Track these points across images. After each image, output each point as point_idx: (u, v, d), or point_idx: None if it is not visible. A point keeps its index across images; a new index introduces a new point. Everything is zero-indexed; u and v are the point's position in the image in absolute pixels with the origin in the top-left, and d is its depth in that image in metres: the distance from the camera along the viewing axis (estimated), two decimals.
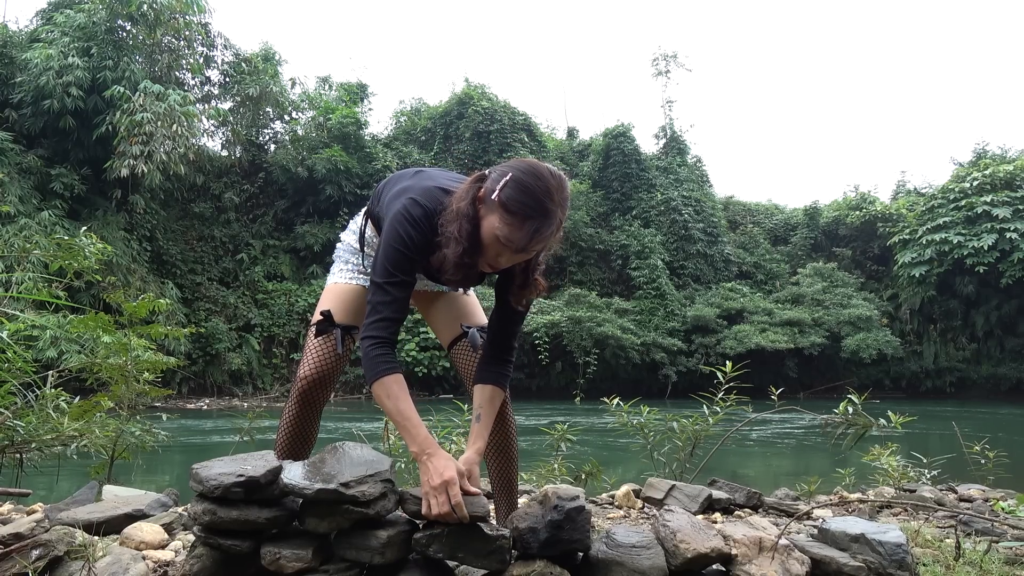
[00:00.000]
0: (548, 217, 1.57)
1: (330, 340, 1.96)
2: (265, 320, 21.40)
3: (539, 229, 1.57)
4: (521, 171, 1.59)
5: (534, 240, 1.58)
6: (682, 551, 1.76)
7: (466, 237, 1.61)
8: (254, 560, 1.67)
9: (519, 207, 1.56)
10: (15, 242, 12.43)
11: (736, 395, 3.73)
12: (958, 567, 2.10)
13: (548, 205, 1.57)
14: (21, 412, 3.30)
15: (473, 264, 1.66)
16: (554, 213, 1.58)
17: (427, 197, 1.72)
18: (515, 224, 1.57)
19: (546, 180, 1.58)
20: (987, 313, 24.14)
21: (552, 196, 1.57)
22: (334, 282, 2.06)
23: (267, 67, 23.40)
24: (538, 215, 1.56)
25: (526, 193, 1.56)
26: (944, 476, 4.17)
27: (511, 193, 1.57)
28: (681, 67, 36.61)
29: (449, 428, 3.70)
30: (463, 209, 1.62)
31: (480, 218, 1.62)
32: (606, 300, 23.89)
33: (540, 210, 1.56)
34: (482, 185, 1.64)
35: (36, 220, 15.66)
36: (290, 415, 1.99)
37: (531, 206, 1.56)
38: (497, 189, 1.58)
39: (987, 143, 28.96)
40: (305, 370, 1.95)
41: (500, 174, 1.61)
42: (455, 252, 1.63)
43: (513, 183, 1.57)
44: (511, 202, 1.56)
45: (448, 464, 1.64)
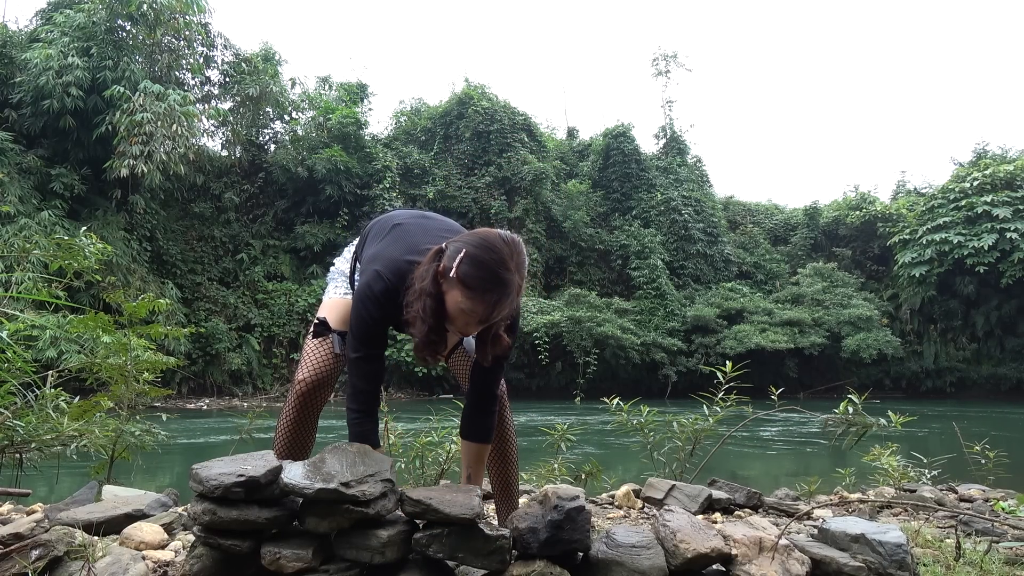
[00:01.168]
0: (506, 287, 1.61)
1: (327, 343, 1.99)
2: (265, 320, 21.40)
3: (499, 300, 1.61)
4: (474, 246, 1.62)
5: (496, 310, 1.62)
6: (682, 551, 1.76)
7: (431, 314, 1.66)
8: (254, 560, 1.66)
9: (477, 282, 1.60)
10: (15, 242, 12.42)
11: (736, 395, 3.73)
12: (958, 567, 2.09)
13: (504, 275, 1.60)
14: (21, 412, 3.30)
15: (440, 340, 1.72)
16: (511, 282, 1.62)
17: (392, 270, 1.78)
18: (475, 298, 1.61)
19: (499, 251, 1.62)
20: (987, 313, 24.14)
21: (507, 265, 1.61)
22: (329, 297, 2.13)
23: (267, 67, 23.39)
24: (496, 287, 1.60)
25: (481, 268, 1.60)
26: (944, 476, 4.17)
27: (467, 269, 1.60)
28: (681, 67, 36.69)
29: (449, 428, 3.70)
30: (426, 288, 1.66)
31: (443, 293, 1.66)
32: (606, 300, 23.88)
33: (497, 282, 1.60)
34: (439, 262, 1.67)
35: (36, 220, 15.64)
36: (288, 419, 2.00)
37: (488, 279, 1.60)
38: (453, 267, 1.61)
39: (987, 143, 29.00)
40: (303, 374, 1.98)
41: (455, 250, 1.64)
42: (422, 331, 1.68)
43: (468, 259, 1.60)
44: (468, 278, 1.60)
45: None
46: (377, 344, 1.82)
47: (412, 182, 25.45)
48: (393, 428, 3.75)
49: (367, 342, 1.80)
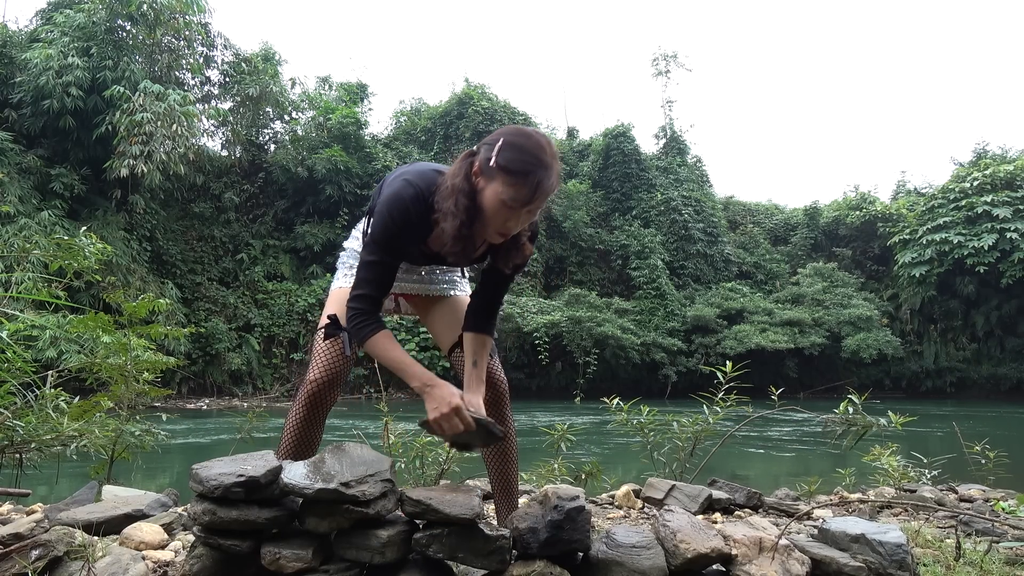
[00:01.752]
0: (548, 169, 1.64)
1: (338, 343, 1.99)
2: (265, 320, 21.39)
3: (541, 181, 1.63)
4: (511, 134, 1.67)
5: (538, 193, 1.64)
6: (682, 551, 1.76)
7: (463, 210, 1.67)
8: (254, 560, 1.66)
9: (519, 164, 1.62)
10: (15, 242, 12.43)
11: (736, 395, 3.73)
12: (958, 567, 2.09)
13: (544, 158, 1.64)
14: (21, 412, 3.30)
15: (471, 235, 1.72)
16: (552, 165, 1.65)
17: (420, 178, 1.78)
18: (519, 182, 1.62)
19: (536, 137, 1.67)
20: (987, 313, 24.13)
21: (546, 150, 1.65)
22: (338, 287, 2.09)
23: (267, 67, 23.39)
24: (538, 167, 1.63)
25: (522, 151, 1.63)
26: (944, 476, 4.17)
27: (508, 154, 1.63)
28: (681, 67, 36.69)
29: None
30: (458, 184, 1.68)
31: (478, 190, 1.68)
32: (606, 300, 23.88)
33: (539, 163, 1.63)
34: (474, 159, 1.70)
35: (36, 220, 15.64)
36: (297, 417, 2.00)
37: (530, 161, 1.63)
38: (494, 156, 1.64)
39: (987, 143, 29.00)
40: (314, 373, 1.98)
41: (492, 142, 1.67)
42: (453, 226, 1.69)
43: (507, 146, 1.64)
44: (510, 163, 1.62)
45: (452, 392, 1.76)
46: (395, 252, 1.80)
47: None
48: (393, 428, 3.75)
49: (386, 247, 1.77)
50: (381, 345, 1.78)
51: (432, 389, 1.76)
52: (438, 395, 1.75)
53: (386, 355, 1.78)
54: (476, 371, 1.93)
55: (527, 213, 1.69)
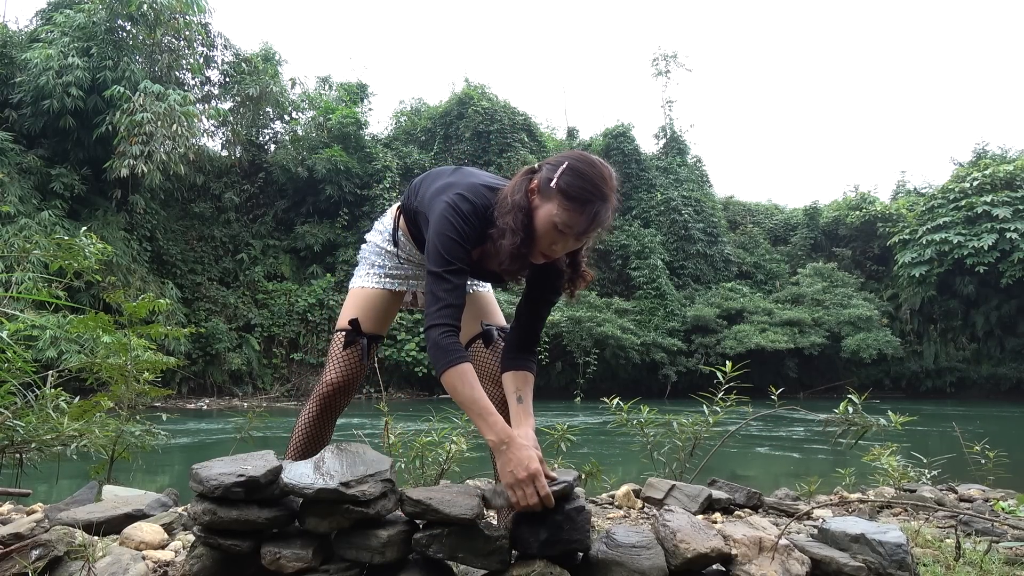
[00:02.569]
0: (606, 201, 1.63)
1: (357, 350, 1.98)
2: (265, 320, 21.39)
3: (598, 212, 1.62)
4: (576, 159, 1.66)
5: (594, 224, 1.63)
6: (682, 551, 1.76)
7: (522, 227, 1.65)
8: (254, 560, 1.67)
9: (579, 192, 1.61)
10: (15, 242, 12.42)
11: (736, 395, 3.73)
12: (958, 567, 2.10)
13: (605, 189, 1.63)
14: (21, 412, 3.30)
15: (528, 253, 1.69)
16: (610, 197, 1.64)
17: (473, 193, 1.76)
18: (575, 209, 1.61)
19: (600, 167, 1.65)
20: (987, 313, 24.13)
21: (608, 181, 1.65)
22: (360, 286, 2.06)
23: (267, 67, 23.39)
24: (597, 199, 1.62)
25: (584, 179, 1.62)
26: (944, 476, 4.17)
27: (570, 179, 1.62)
28: (681, 67, 36.71)
29: (449, 428, 3.70)
30: (518, 201, 1.66)
31: (534, 208, 1.66)
32: (606, 300, 23.88)
33: (598, 194, 1.62)
34: (534, 177, 1.69)
35: (36, 220, 15.64)
36: (309, 417, 2.02)
37: (590, 191, 1.61)
38: (555, 177, 1.63)
39: (987, 143, 29.02)
40: (331, 376, 1.98)
41: (556, 163, 1.67)
42: (512, 243, 1.65)
43: (570, 170, 1.63)
44: (571, 188, 1.61)
45: (531, 455, 1.61)
46: (464, 259, 1.71)
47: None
48: (393, 428, 3.75)
49: (454, 254, 1.69)
50: (465, 378, 1.63)
51: (510, 449, 1.60)
52: (516, 457, 1.59)
53: (467, 392, 1.63)
54: (523, 407, 1.82)
55: (575, 240, 1.66)
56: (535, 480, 1.59)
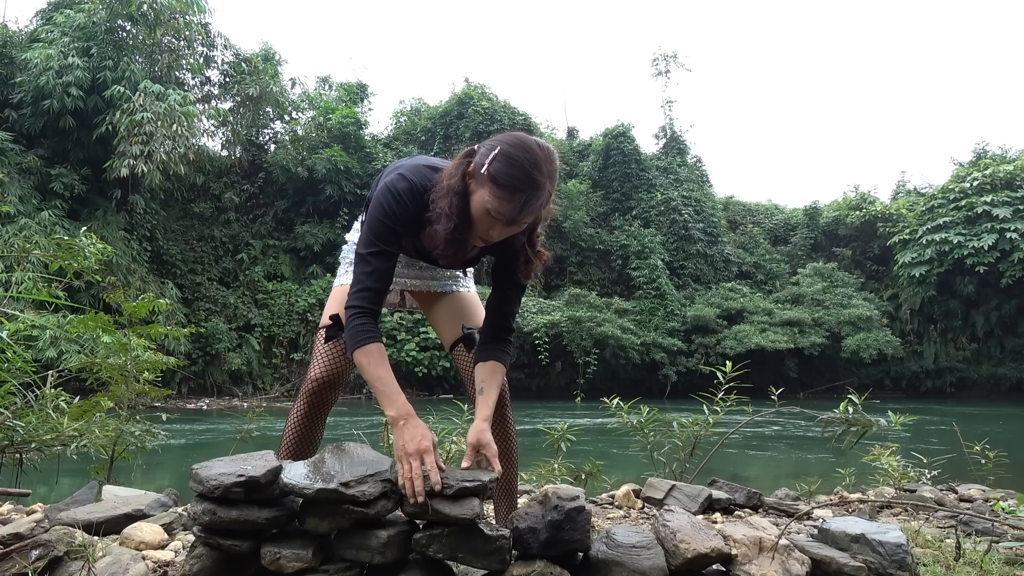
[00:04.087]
0: (537, 189, 1.58)
1: (339, 344, 1.97)
2: (265, 320, 21.39)
3: (528, 201, 1.58)
4: (510, 144, 1.60)
5: (524, 212, 1.59)
6: (682, 551, 1.76)
7: (456, 212, 1.63)
8: (254, 560, 1.66)
9: (508, 180, 1.57)
10: (15, 242, 12.42)
11: (736, 395, 3.73)
12: (958, 567, 2.09)
13: (537, 177, 1.58)
14: (21, 412, 3.30)
15: (464, 239, 1.67)
16: (542, 185, 1.59)
17: (414, 173, 1.75)
18: (504, 197, 1.57)
19: (534, 153, 1.59)
20: (987, 313, 24.13)
21: (540, 168, 1.59)
22: (339, 284, 2.07)
23: (267, 67, 23.39)
24: (527, 187, 1.57)
25: (514, 166, 1.57)
26: (944, 476, 4.17)
27: (500, 167, 1.58)
28: (681, 67, 36.65)
29: (449, 428, 3.70)
30: (453, 185, 1.64)
31: (470, 193, 1.63)
32: (606, 300, 23.88)
33: (529, 182, 1.57)
34: (471, 160, 1.65)
35: (36, 220, 15.65)
36: (297, 415, 2.01)
37: (520, 179, 1.57)
38: (486, 163, 1.59)
39: (987, 143, 28.99)
40: (315, 372, 1.97)
41: (489, 148, 1.62)
42: (446, 228, 1.64)
43: (502, 157, 1.58)
44: (500, 175, 1.57)
45: (425, 434, 1.65)
46: (392, 242, 1.74)
47: None
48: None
49: (383, 237, 1.72)
50: (371, 357, 1.70)
51: (407, 425, 1.67)
52: (410, 433, 1.65)
53: (372, 370, 1.70)
54: (483, 398, 1.85)
55: (514, 226, 1.64)
56: (422, 457, 1.62)
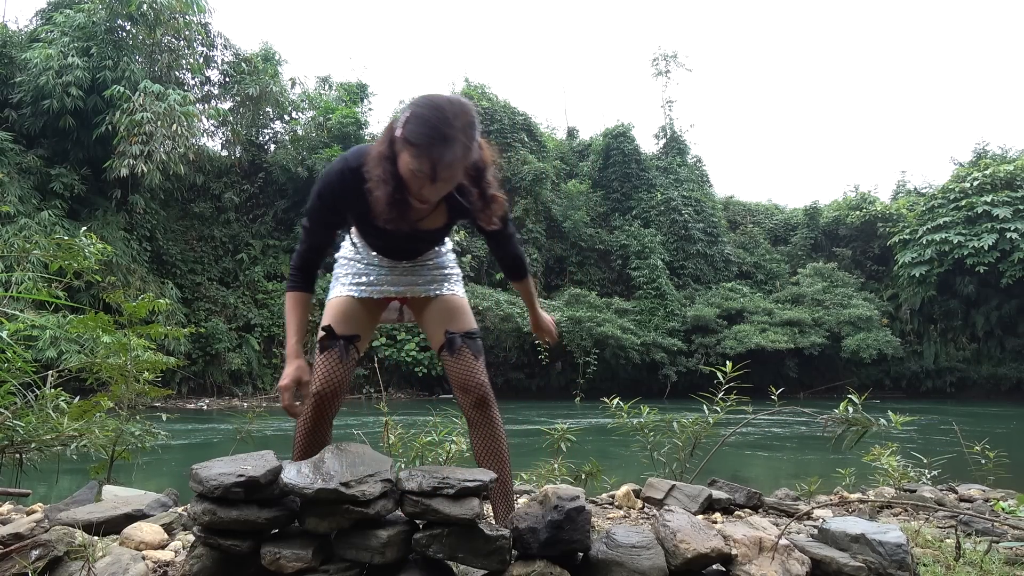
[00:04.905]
0: (449, 142, 1.64)
1: (334, 353, 2.08)
2: (265, 320, 21.39)
3: (442, 155, 1.64)
4: (420, 105, 1.68)
5: (440, 167, 1.66)
6: (682, 551, 1.76)
7: (391, 176, 1.72)
8: (254, 560, 1.67)
9: (419, 137, 1.64)
10: (15, 242, 12.42)
11: (736, 395, 3.73)
12: (958, 567, 2.10)
13: (447, 132, 1.64)
14: (21, 412, 3.30)
15: (404, 199, 1.76)
16: (454, 138, 1.64)
17: (353, 152, 1.89)
18: (420, 155, 1.65)
19: (443, 110, 1.66)
20: (987, 313, 24.13)
21: (450, 123, 1.64)
22: (330, 298, 2.21)
23: (267, 67, 23.38)
24: (438, 142, 1.63)
25: (424, 124, 1.65)
26: (944, 476, 4.17)
27: (412, 127, 1.66)
28: (681, 67, 36.59)
29: (449, 428, 3.70)
30: (383, 151, 1.73)
31: (397, 156, 1.72)
32: (606, 300, 23.88)
33: (441, 137, 1.63)
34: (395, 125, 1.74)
35: (36, 220, 15.64)
36: (306, 427, 2.08)
37: (430, 135, 1.64)
38: (400, 127, 1.68)
39: (987, 143, 28.97)
40: (316, 387, 2.04)
41: (403, 113, 1.71)
42: (385, 192, 1.74)
43: (413, 118, 1.66)
44: (412, 135, 1.65)
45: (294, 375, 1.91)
46: (326, 222, 1.96)
47: None
48: (393, 428, 3.75)
49: (317, 218, 1.95)
50: (288, 303, 2.02)
51: (288, 363, 1.95)
52: (286, 370, 1.92)
53: (286, 313, 2.02)
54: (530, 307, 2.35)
55: (442, 183, 1.71)
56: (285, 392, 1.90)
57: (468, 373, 2.06)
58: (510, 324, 21.23)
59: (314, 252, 2.01)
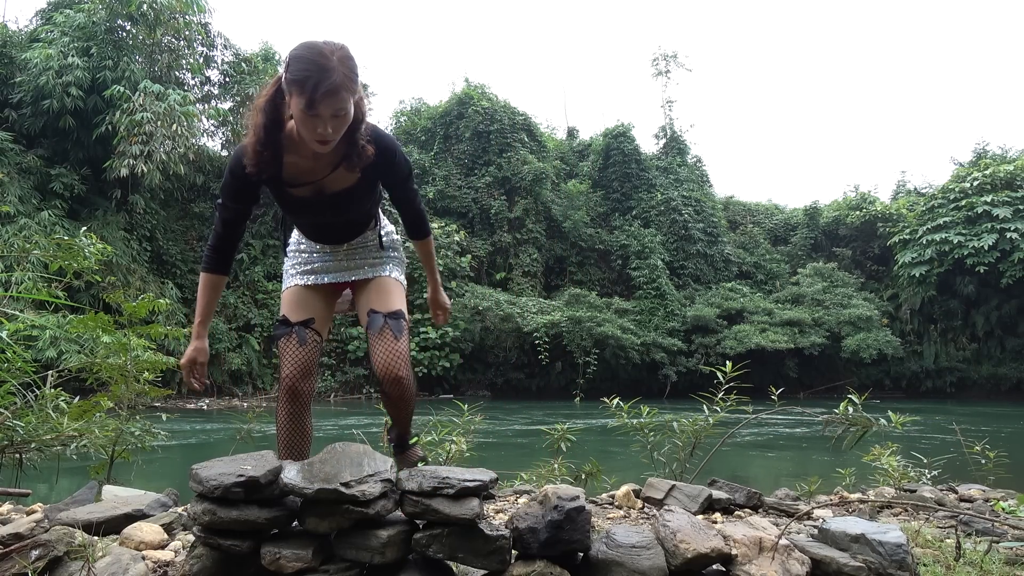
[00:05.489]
0: (326, 70, 1.74)
1: (292, 338, 2.19)
2: (265, 320, 21.39)
3: (319, 82, 1.73)
4: (296, 48, 1.80)
5: (321, 94, 1.74)
6: (682, 551, 1.76)
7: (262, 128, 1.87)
8: (254, 560, 1.67)
9: (298, 73, 1.76)
10: (15, 242, 12.43)
11: (736, 395, 3.73)
12: (958, 567, 2.10)
13: (322, 62, 1.75)
14: (21, 412, 3.30)
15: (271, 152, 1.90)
16: (331, 68, 1.75)
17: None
18: (301, 88, 1.75)
19: (317, 46, 1.79)
20: (987, 313, 24.13)
21: (324, 55, 1.76)
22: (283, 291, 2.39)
23: (267, 67, 23.37)
24: (315, 72, 1.74)
25: (301, 60, 1.77)
26: (944, 476, 4.17)
27: (292, 66, 1.78)
28: (681, 67, 36.55)
29: (449, 428, 3.70)
30: (260, 104, 1.88)
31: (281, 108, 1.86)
32: (606, 300, 23.87)
33: (317, 67, 1.74)
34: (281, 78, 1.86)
35: (36, 220, 15.63)
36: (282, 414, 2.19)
37: (307, 68, 1.75)
38: (284, 73, 1.82)
39: (987, 143, 28.96)
40: (285, 371, 2.17)
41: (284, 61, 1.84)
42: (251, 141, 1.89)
43: (292, 59, 1.79)
44: (293, 72, 1.77)
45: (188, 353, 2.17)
46: (238, 199, 2.06)
47: None
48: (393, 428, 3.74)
49: (229, 195, 2.05)
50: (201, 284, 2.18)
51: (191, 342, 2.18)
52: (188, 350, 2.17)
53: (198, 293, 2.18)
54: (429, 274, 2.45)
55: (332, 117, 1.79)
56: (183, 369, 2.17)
57: (388, 352, 2.16)
58: (510, 324, 21.22)
59: (229, 228, 2.10)
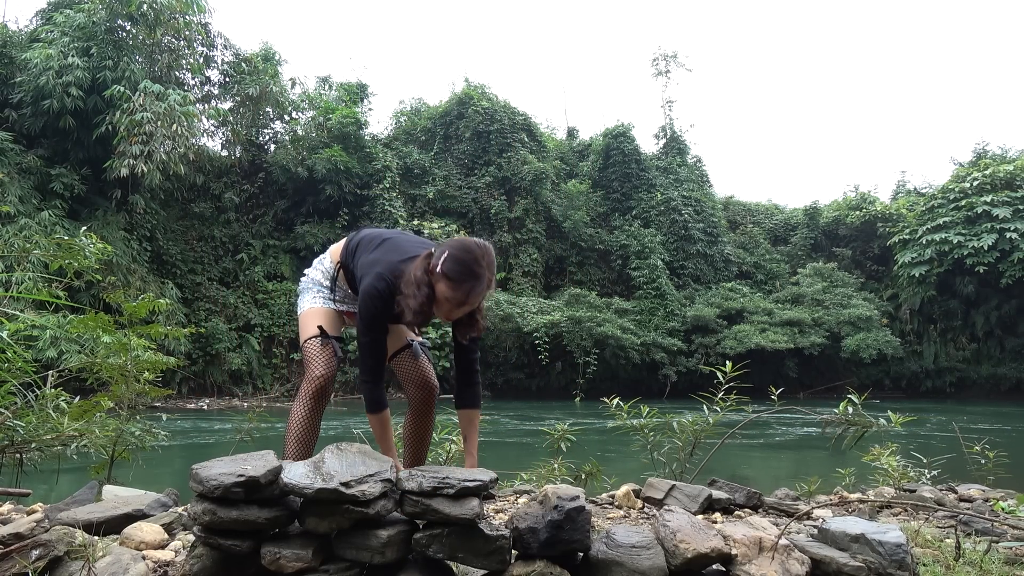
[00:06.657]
0: (479, 279, 2.13)
1: (330, 347, 2.44)
2: (265, 320, 21.39)
3: (473, 288, 2.13)
4: (454, 247, 2.15)
5: (471, 296, 2.15)
6: (682, 551, 1.76)
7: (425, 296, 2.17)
8: (254, 560, 1.67)
9: (456, 275, 2.11)
10: (15, 242, 12.42)
11: (736, 395, 3.73)
12: (958, 567, 2.10)
13: (477, 270, 2.12)
14: (21, 412, 3.30)
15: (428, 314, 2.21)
16: (482, 275, 2.14)
17: (391, 271, 2.28)
18: (455, 287, 2.13)
19: (473, 252, 2.13)
20: (987, 313, 24.12)
21: (480, 263, 2.13)
22: (311, 307, 2.59)
23: (267, 67, 23.37)
24: (470, 279, 2.12)
25: (459, 264, 2.12)
26: (944, 476, 4.16)
27: (449, 265, 2.12)
28: (681, 67, 36.51)
29: (449, 428, 3.71)
30: (419, 277, 2.18)
31: (434, 284, 2.17)
32: (606, 300, 23.87)
33: (471, 275, 2.12)
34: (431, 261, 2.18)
35: (36, 220, 15.63)
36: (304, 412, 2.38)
37: (464, 273, 2.11)
38: (439, 264, 2.13)
39: (987, 143, 28.92)
40: (319, 371, 2.40)
41: (440, 252, 2.16)
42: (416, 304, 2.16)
43: (450, 258, 2.13)
44: (450, 272, 2.12)
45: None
46: (382, 330, 2.34)
47: (412, 182, 25.46)
48: (393, 428, 3.74)
49: (375, 328, 2.30)
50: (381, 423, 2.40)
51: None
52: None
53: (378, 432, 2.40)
54: (467, 445, 2.51)
55: (466, 306, 2.18)
56: None
57: (427, 373, 2.62)
58: (510, 324, 21.22)
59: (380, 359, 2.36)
